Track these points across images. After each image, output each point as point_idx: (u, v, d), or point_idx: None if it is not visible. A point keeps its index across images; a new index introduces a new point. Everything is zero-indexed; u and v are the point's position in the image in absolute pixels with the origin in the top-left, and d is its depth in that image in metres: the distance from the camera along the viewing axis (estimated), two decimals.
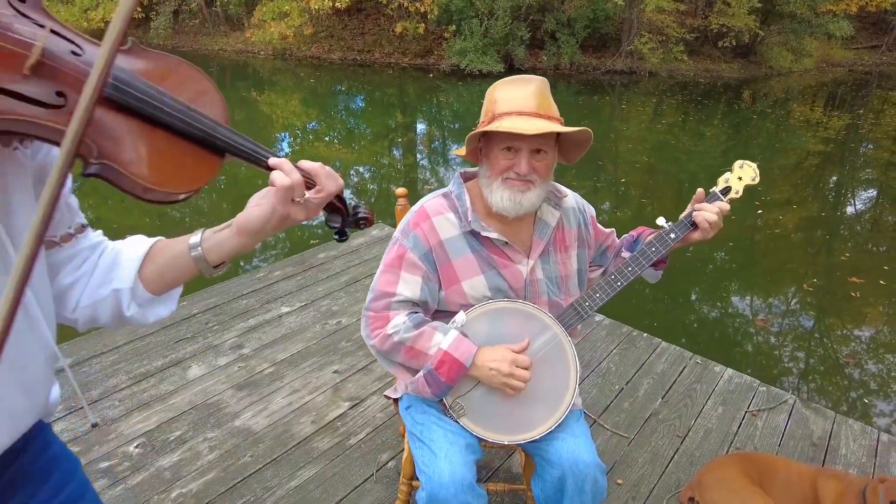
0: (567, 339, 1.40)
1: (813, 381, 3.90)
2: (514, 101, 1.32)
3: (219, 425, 2.28)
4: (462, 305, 1.41)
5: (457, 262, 1.41)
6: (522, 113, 1.31)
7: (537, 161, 1.34)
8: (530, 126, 1.26)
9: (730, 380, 2.68)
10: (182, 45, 18.21)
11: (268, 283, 3.30)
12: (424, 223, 1.41)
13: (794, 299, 5.07)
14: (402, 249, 1.41)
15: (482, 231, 1.40)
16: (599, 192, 7.84)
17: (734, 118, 12.42)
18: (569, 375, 1.40)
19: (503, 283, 1.42)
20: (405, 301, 1.39)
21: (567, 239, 1.51)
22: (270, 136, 10.10)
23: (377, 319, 1.40)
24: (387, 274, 1.42)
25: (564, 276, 1.49)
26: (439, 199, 1.46)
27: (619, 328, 3.04)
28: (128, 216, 6.00)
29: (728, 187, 1.46)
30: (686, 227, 1.42)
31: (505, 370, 1.31)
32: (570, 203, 1.55)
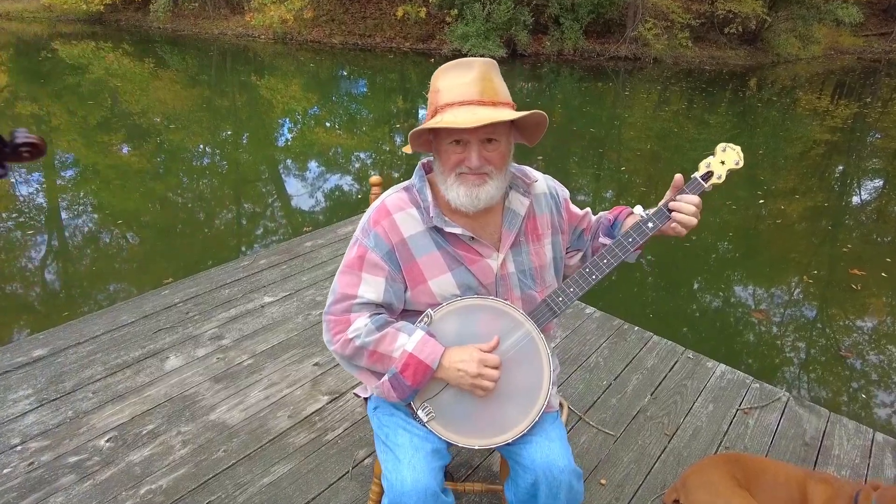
0: (540, 336, 1.32)
1: (812, 373, 3.82)
2: (456, 90, 1.21)
3: (193, 419, 2.22)
4: (430, 305, 1.33)
5: (422, 261, 1.32)
6: (465, 102, 1.21)
7: (489, 151, 1.24)
8: (472, 118, 1.16)
9: (722, 376, 2.61)
10: (182, 29, 18.02)
11: (252, 272, 3.23)
12: (385, 220, 1.33)
13: (795, 290, 4.98)
14: (362, 249, 1.33)
15: (446, 227, 1.31)
16: (602, 179, 7.74)
17: (739, 106, 12.24)
18: (542, 375, 1.33)
19: (472, 279, 1.34)
20: (367, 303, 1.31)
21: (539, 227, 1.42)
22: (271, 120, 9.99)
23: (338, 323, 1.32)
24: (347, 275, 1.33)
25: (539, 266, 1.41)
26: (400, 193, 1.37)
27: (609, 321, 2.96)
28: (128, 201, 5.95)
29: (710, 172, 1.36)
30: (664, 216, 1.34)
31: (473, 371, 1.24)
32: (541, 188, 1.46)
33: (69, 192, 6.27)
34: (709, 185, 1.36)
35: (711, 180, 1.36)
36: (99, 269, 4.68)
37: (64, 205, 5.91)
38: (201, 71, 13.98)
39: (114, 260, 4.82)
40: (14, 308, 4.09)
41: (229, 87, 12.39)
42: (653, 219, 1.34)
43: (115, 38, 17.13)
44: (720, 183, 1.37)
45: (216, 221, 5.78)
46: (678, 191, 1.34)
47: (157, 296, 2.98)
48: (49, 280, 4.57)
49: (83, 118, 9.21)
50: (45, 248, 5.01)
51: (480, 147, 1.23)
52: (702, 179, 1.35)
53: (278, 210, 6.32)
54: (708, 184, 1.36)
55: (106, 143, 8.04)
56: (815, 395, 2.45)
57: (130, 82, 12.03)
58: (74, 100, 10.23)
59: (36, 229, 5.31)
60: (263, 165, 7.69)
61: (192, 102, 10.86)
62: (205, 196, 6.43)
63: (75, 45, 15.92)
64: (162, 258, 4.86)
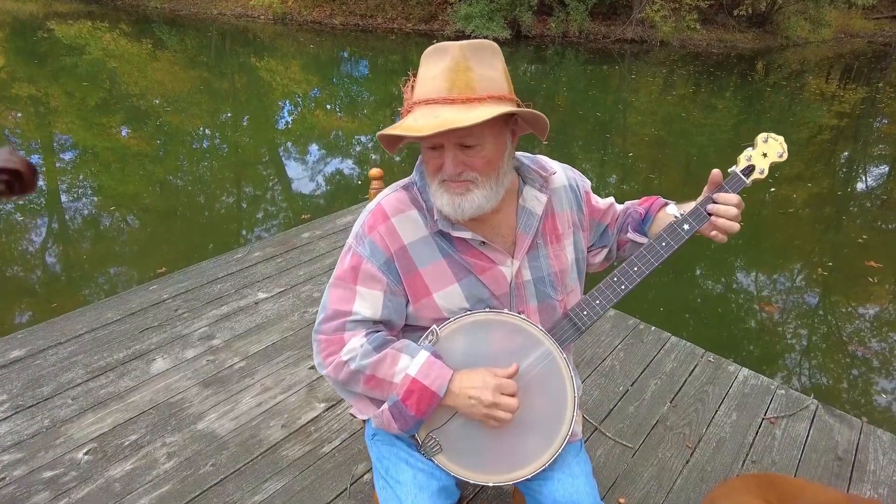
0: (562, 355, 1.15)
1: (838, 377, 3.66)
2: (425, 85, 1.03)
3: (180, 428, 2.06)
4: (435, 320, 1.16)
5: (425, 271, 1.15)
6: (429, 101, 1.02)
7: (469, 155, 1.05)
8: (431, 122, 0.97)
9: (745, 381, 2.45)
10: (180, 9, 17.65)
11: (245, 266, 3.06)
12: (382, 225, 1.15)
13: (813, 287, 4.81)
14: (356, 259, 1.15)
15: (452, 231, 1.13)
16: (606, 164, 7.54)
17: (747, 90, 11.98)
18: (565, 400, 1.16)
19: (483, 290, 1.16)
20: (363, 321, 1.14)
21: (559, 226, 1.24)
22: (271, 103, 9.77)
23: (330, 344, 1.15)
24: (339, 289, 1.16)
25: (559, 271, 1.23)
26: (399, 193, 1.19)
27: (624, 320, 2.79)
28: (128, 184, 5.83)
29: (751, 166, 1.18)
30: (702, 218, 1.16)
31: (487, 399, 1.07)
32: (560, 181, 1.27)
33: (68, 175, 6.15)
34: (750, 181, 1.18)
35: (753, 175, 1.18)
36: (99, 252, 4.59)
37: (63, 188, 5.79)
38: (200, 52, 13.69)
39: (114, 243, 4.73)
40: (15, 292, 4.02)
41: (228, 68, 12.13)
42: (689, 220, 1.16)
43: (112, 17, 16.79)
44: (762, 178, 1.19)
45: (216, 205, 5.66)
46: (716, 188, 1.16)
47: (145, 291, 2.81)
48: (50, 263, 4.50)
49: (81, 100, 9.00)
50: (46, 232, 4.92)
51: (458, 152, 1.04)
52: (742, 174, 1.18)
53: (279, 194, 6.20)
54: (749, 179, 1.18)
55: (105, 126, 7.87)
56: (841, 413, 2.28)
57: (128, 63, 11.77)
58: (72, 81, 10.00)
59: (36, 212, 5.22)
60: (264, 148, 7.53)
61: (190, 84, 10.62)
62: (204, 179, 6.29)
63: (72, 24, 15.59)
64: (163, 242, 4.77)
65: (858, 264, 4.99)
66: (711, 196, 1.16)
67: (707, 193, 1.17)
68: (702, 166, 7.37)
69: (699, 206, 1.17)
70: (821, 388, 3.50)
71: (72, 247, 4.73)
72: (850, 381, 3.57)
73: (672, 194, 1.33)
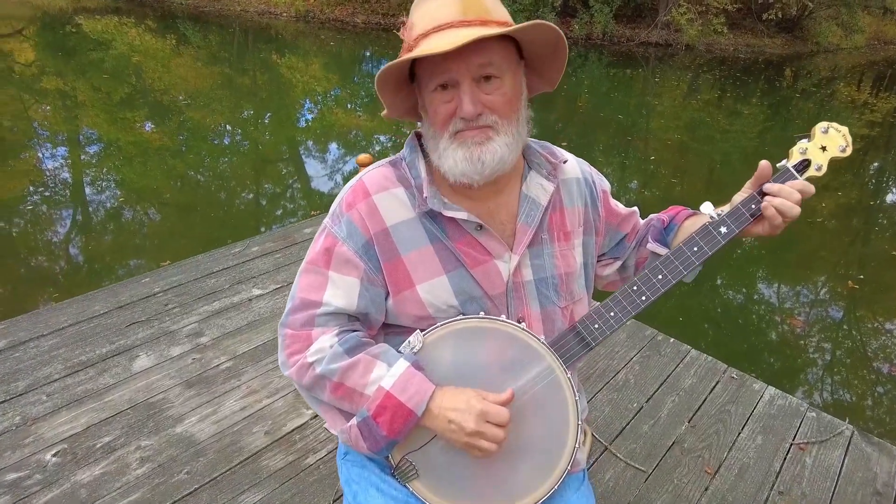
0: (566, 374, 0.99)
1: (877, 401, 3.41)
2: (430, 15, 0.89)
3: (157, 431, 1.93)
4: (417, 318, 1.00)
5: (409, 258, 0.98)
6: (441, 27, 0.88)
7: (487, 92, 0.89)
8: (447, 42, 0.82)
9: (771, 401, 2.25)
10: (204, 6, 17.77)
11: (242, 261, 2.93)
12: (362, 203, 0.99)
13: (840, 300, 4.55)
14: (330, 240, 1.00)
15: (444, 210, 0.97)
16: (628, 169, 7.33)
17: (774, 97, 11.65)
18: (566, 425, 0.99)
19: (475, 286, 0.99)
20: (335, 313, 0.99)
21: (568, 223, 1.07)
22: (291, 100, 9.74)
23: (296, 340, 0.99)
24: (310, 274, 1.00)
25: (565, 274, 1.06)
26: (384, 168, 1.03)
27: (641, 330, 2.60)
28: (149, 178, 5.83)
29: (806, 161, 0.99)
30: (744, 219, 0.98)
31: (469, 426, 0.90)
32: (572, 171, 1.10)
33: (93, 168, 6.19)
34: (804, 179, 0.99)
35: (808, 172, 0.99)
36: (119, 244, 4.61)
37: (87, 180, 5.83)
38: (222, 49, 13.74)
39: (135, 236, 4.75)
40: (40, 279, 4.05)
41: (250, 65, 12.15)
42: (727, 221, 0.98)
43: (139, 13, 16.98)
44: (819, 176, 1.00)
45: (236, 201, 5.63)
46: (762, 184, 0.98)
47: (136, 283, 2.70)
48: (73, 254, 4.53)
49: (107, 94, 9.06)
50: (70, 222, 4.96)
51: (474, 87, 0.88)
52: (795, 170, 0.99)
53: (297, 191, 6.16)
54: (803, 176, 0.99)
55: (129, 120, 7.92)
56: (879, 441, 2.07)
57: (153, 59, 11.86)
58: (98, 75, 10.09)
59: (61, 204, 5.25)
60: (284, 146, 7.50)
61: (212, 80, 10.64)
62: (224, 175, 6.28)
63: (99, 19, 15.80)
64: (181, 236, 4.75)
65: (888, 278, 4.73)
66: (755, 193, 0.97)
67: (750, 189, 0.99)
68: (726, 173, 7.12)
69: (740, 206, 0.98)
70: (852, 409, 3.27)
71: (93, 238, 4.75)
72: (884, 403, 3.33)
73: (695, 201, 1.15)
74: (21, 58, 11.54)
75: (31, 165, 6.05)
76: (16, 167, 5.96)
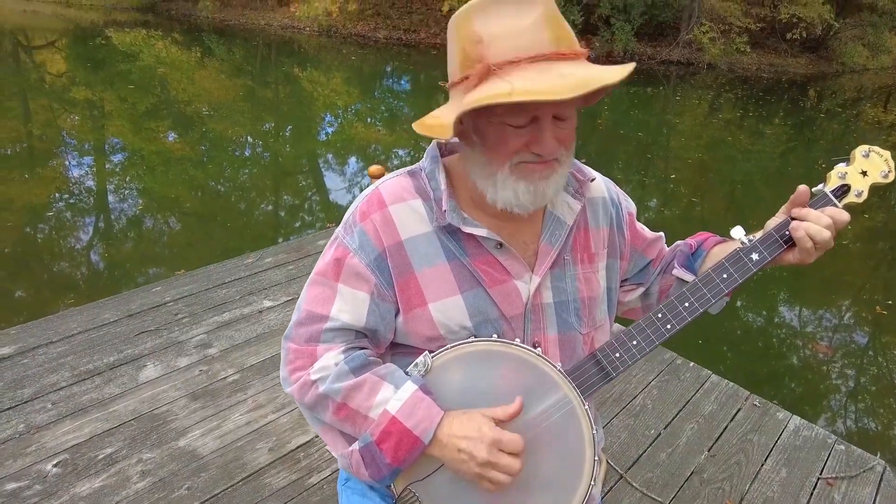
0: (583, 406, 0.92)
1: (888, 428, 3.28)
2: (516, 37, 0.78)
3: (160, 444, 1.89)
4: (427, 338, 0.94)
5: (423, 275, 0.93)
6: (536, 57, 0.78)
7: (562, 129, 0.84)
8: (561, 82, 0.75)
9: (797, 432, 2.14)
10: (229, 19, 18.15)
11: (255, 272, 2.91)
12: (377, 213, 0.93)
13: (865, 325, 4.41)
14: (341, 251, 0.94)
15: (463, 226, 0.91)
16: (647, 187, 7.24)
17: (798, 117, 11.50)
18: (582, 460, 0.93)
19: (491, 307, 0.93)
20: (342, 329, 0.94)
21: (592, 244, 1.01)
22: (313, 114, 9.85)
23: (299, 356, 0.94)
24: (318, 286, 0.95)
25: (588, 298, 1.00)
26: (402, 178, 0.97)
27: (659, 353, 2.52)
28: (171, 188, 5.92)
29: (845, 186, 0.93)
30: (777, 245, 0.92)
31: (481, 456, 0.84)
32: (599, 190, 1.04)
33: (116, 177, 6.31)
34: (843, 206, 0.93)
35: (848, 198, 0.92)
36: (139, 252, 4.68)
37: (111, 188, 5.94)
38: (246, 61, 13.99)
39: (155, 244, 4.81)
40: (61, 285, 4.11)
41: (273, 78, 12.33)
42: (759, 248, 0.91)
43: (166, 26, 17.40)
44: (860, 203, 0.93)
45: (255, 212, 5.68)
46: (799, 210, 0.92)
47: (147, 292, 2.68)
48: (94, 261, 4.61)
49: (132, 105, 9.26)
50: (92, 229, 5.05)
51: (552, 124, 0.82)
52: (833, 196, 0.92)
53: (316, 203, 6.20)
54: (843, 202, 0.93)
55: (153, 130, 8.08)
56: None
57: (178, 70, 12.11)
58: (125, 86, 10.32)
59: (84, 211, 5.35)
60: (304, 158, 7.57)
61: (235, 92, 10.81)
62: (245, 186, 6.33)
63: (128, 32, 16.20)
64: (200, 246, 4.81)
65: None
66: (790, 218, 0.91)
67: (786, 215, 0.93)
68: (747, 194, 7.00)
69: (773, 232, 0.92)
70: (880, 441, 3.13)
71: (114, 246, 4.82)
72: None
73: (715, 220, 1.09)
74: (53, 68, 11.86)
75: (58, 173, 6.18)
76: (43, 174, 6.11)
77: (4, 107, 8.62)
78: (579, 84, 0.74)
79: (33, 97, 9.44)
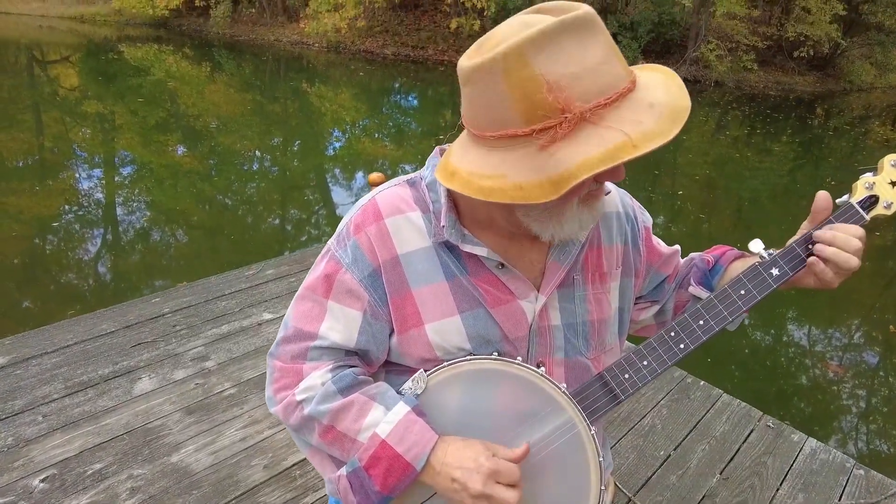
0: (589, 430, 0.86)
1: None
2: (598, 75, 0.67)
3: (151, 459, 1.83)
4: (424, 361, 0.88)
5: (420, 293, 0.87)
6: (623, 94, 0.68)
7: None
8: (663, 119, 0.67)
9: (813, 455, 2.06)
10: (239, 35, 18.36)
11: (255, 284, 2.86)
12: (372, 226, 0.88)
13: (875, 345, 4.30)
14: (333, 265, 0.89)
15: (463, 244, 0.85)
16: (654, 203, 7.18)
17: (805, 135, 11.45)
18: (587, 490, 0.86)
19: (494, 329, 0.87)
20: (331, 348, 0.88)
21: (605, 263, 0.94)
22: (321, 129, 9.89)
23: (284, 374, 0.89)
24: (306, 302, 0.90)
25: (598, 321, 0.93)
26: (401, 188, 0.91)
27: (669, 372, 2.44)
28: (179, 201, 5.93)
29: (873, 197, 0.87)
30: (799, 260, 0.86)
31: (475, 488, 0.77)
32: (613, 204, 0.98)
33: (125, 189, 6.34)
34: (870, 218, 0.87)
35: (876, 209, 0.87)
36: (146, 264, 4.68)
37: (119, 201, 5.96)
38: (255, 76, 14.12)
39: (162, 256, 4.82)
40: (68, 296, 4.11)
41: (281, 93, 12.43)
42: (780, 262, 0.86)
43: (177, 41, 17.63)
44: (889, 215, 0.87)
45: (262, 226, 5.69)
46: (822, 223, 0.86)
47: (146, 303, 2.64)
48: (101, 272, 4.61)
49: (143, 118, 9.34)
50: (100, 241, 5.06)
51: None
52: (861, 207, 0.86)
53: (323, 218, 6.19)
54: (870, 214, 0.87)
55: (162, 143, 8.13)
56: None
57: (188, 84, 12.23)
58: (136, 100, 10.42)
59: (93, 223, 5.38)
60: (313, 174, 7.59)
61: (244, 107, 10.89)
62: (252, 200, 6.34)
63: (140, 47, 16.43)
64: (206, 259, 4.80)
65: None
66: (812, 232, 0.85)
67: (807, 230, 0.87)
68: (754, 211, 6.93)
69: (795, 246, 0.86)
70: (894, 464, 3.02)
71: (121, 258, 4.83)
72: None
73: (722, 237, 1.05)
74: (66, 83, 12.01)
75: (68, 185, 6.22)
76: (53, 186, 6.14)
77: (18, 119, 8.71)
78: (673, 113, 0.68)
79: (46, 110, 9.54)
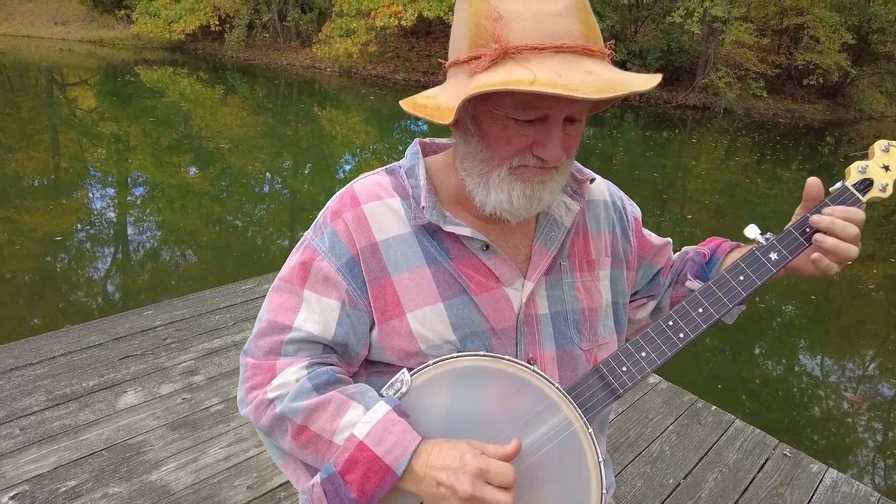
0: (586, 429, 0.77)
1: None
2: (542, 21, 0.68)
3: (129, 477, 1.74)
4: (405, 354, 0.81)
5: (400, 280, 0.81)
6: (562, 48, 0.68)
7: (569, 134, 0.75)
8: (589, 82, 0.65)
9: (834, 487, 1.93)
10: (252, 59, 18.68)
11: (251, 298, 2.79)
12: (349, 213, 0.83)
13: (891, 377, 4.15)
14: (309, 253, 0.83)
15: (444, 224, 0.80)
16: (664, 228, 7.10)
17: (816, 162, 11.37)
18: (588, 492, 0.77)
19: (479, 318, 0.81)
20: (307, 341, 0.81)
21: (593, 250, 0.90)
22: (331, 152, 9.95)
23: (257, 371, 0.81)
24: (281, 293, 0.84)
25: (588, 309, 0.88)
26: (380, 176, 0.87)
27: (679, 395, 2.33)
28: (189, 221, 5.96)
29: (867, 180, 0.83)
30: (797, 243, 0.82)
31: (464, 490, 0.69)
32: (600, 192, 0.94)
33: (136, 209, 6.38)
34: (867, 200, 0.83)
35: (872, 192, 0.83)
36: (155, 282, 4.69)
37: (130, 220, 6.00)
38: (267, 99, 14.30)
39: (170, 276, 4.83)
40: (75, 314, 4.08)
41: (293, 116, 12.56)
42: (778, 246, 0.81)
43: (192, 65, 17.95)
44: (885, 198, 0.83)
45: (272, 247, 5.69)
46: (816, 206, 0.82)
47: (138, 315, 2.57)
48: (110, 291, 4.61)
49: (156, 139, 9.45)
50: (110, 260, 5.08)
51: (561, 129, 0.73)
52: (856, 190, 0.82)
53: None
54: (866, 196, 0.83)
55: (174, 164, 8.21)
56: None
57: (201, 107, 12.39)
58: (150, 121, 10.55)
59: (103, 241, 5.41)
60: (323, 196, 7.60)
61: (256, 129, 11.00)
62: (262, 222, 6.35)
63: (156, 70, 16.73)
64: (214, 277, 4.80)
65: None
66: (807, 216, 0.81)
67: (802, 213, 0.83)
68: None
69: (793, 230, 0.82)
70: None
71: (130, 277, 4.83)
72: None
73: None
74: (84, 104, 12.21)
75: (81, 204, 6.27)
76: (66, 205, 6.18)
77: (35, 140, 8.84)
78: (608, 85, 0.65)
79: (63, 131, 9.67)
